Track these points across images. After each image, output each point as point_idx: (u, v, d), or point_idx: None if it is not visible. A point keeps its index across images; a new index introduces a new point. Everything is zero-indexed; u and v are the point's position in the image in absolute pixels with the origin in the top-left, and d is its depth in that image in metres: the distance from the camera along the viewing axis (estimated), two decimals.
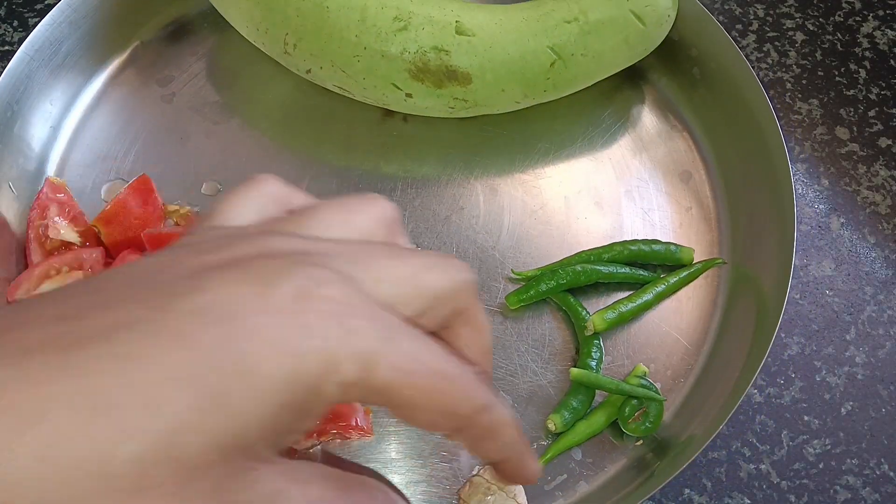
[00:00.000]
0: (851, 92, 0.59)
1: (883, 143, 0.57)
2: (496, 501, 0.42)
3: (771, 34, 0.61)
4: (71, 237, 0.49)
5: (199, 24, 0.58)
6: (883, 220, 0.55)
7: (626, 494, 0.43)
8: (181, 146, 0.54)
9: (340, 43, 0.49)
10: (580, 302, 0.49)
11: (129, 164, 0.53)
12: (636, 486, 0.43)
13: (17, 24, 0.59)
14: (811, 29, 0.61)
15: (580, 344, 0.48)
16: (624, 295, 0.49)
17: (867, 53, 0.60)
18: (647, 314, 0.49)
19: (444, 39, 0.49)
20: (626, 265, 0.50)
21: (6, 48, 0.58)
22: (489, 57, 0.50)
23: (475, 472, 0.44)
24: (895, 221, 0.55)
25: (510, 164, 0.54)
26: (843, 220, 0.54)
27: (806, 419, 0.48)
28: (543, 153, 0.54)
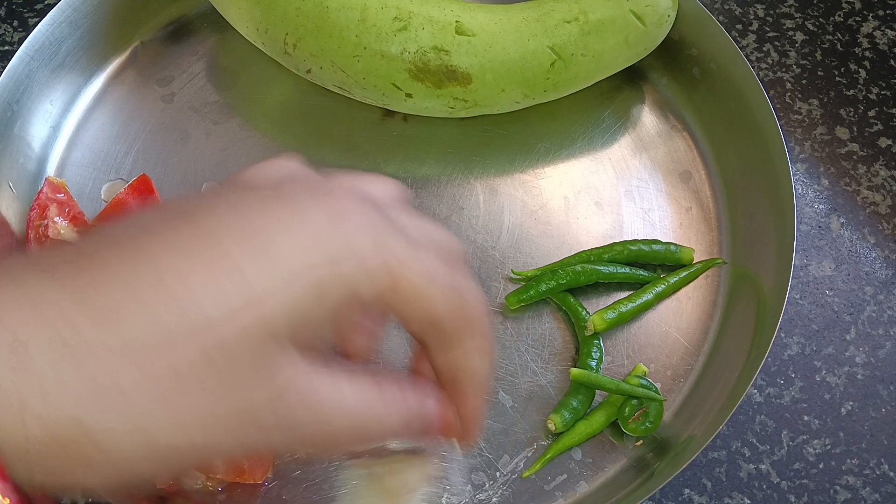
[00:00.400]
0: (851, 92, 0.59)
1: (883, 143, 0.57)
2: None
3: (771, 34, 0.61)
4: (71, 237, 0.49)
5: (199, 24, 0.58)
6: (883, 220, 0.55)
7: (626, 494, 0.43)
8: (181, 146, 0.54)
9: (340, 43, 0.49)
10: (580, 302, 0.49)
11: (129, 163, 0.53)
12: (636, 486, 0.43)
13: (17, 24, 0.59)
14: (811, 29, 0.61)
15: (580, 344, 0.48)
16: (624, 295, 0.49)
17: (867, 53, 0.60)
18: (647, 314, 0.49)
19: (444, 39, 0.49)
20: (626, 265, 0.50)
21: (6, 48, 0.58)
22: (489, 57, 0.50)
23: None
24: (895, 221, 0.55)
25: (510, 164, 0.54)
26: (843, 220, 0.54)
27: (806, 419, 0.48)
28: (543, 153, 0.54)
